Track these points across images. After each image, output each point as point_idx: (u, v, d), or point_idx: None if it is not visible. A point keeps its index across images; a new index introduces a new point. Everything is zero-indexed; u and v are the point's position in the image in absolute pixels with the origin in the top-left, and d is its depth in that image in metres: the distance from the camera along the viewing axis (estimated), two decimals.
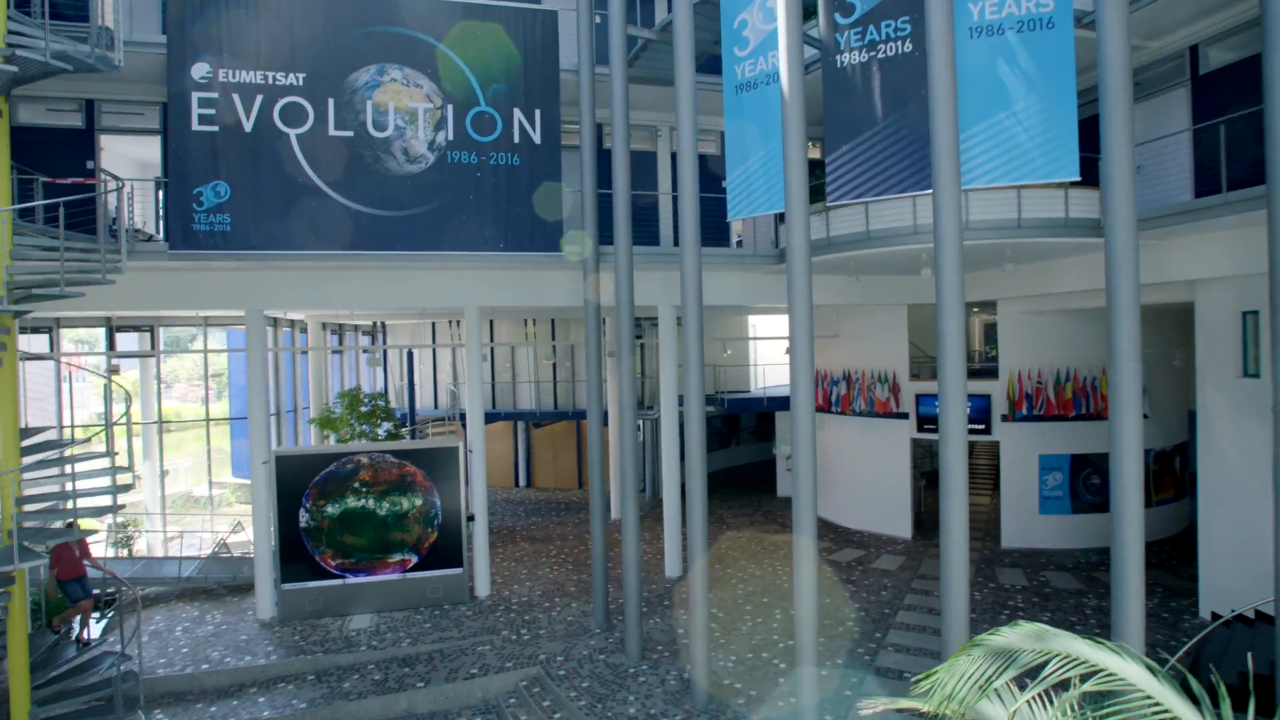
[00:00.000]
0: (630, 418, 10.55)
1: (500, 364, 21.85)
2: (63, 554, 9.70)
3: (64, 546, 9.65)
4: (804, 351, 7.88)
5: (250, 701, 9.64)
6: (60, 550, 9.72)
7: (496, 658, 10.32)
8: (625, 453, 10.47)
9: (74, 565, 9.68)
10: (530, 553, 15.38)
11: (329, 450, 12.53)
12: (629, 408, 10.50)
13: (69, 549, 9.74)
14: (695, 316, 9.07)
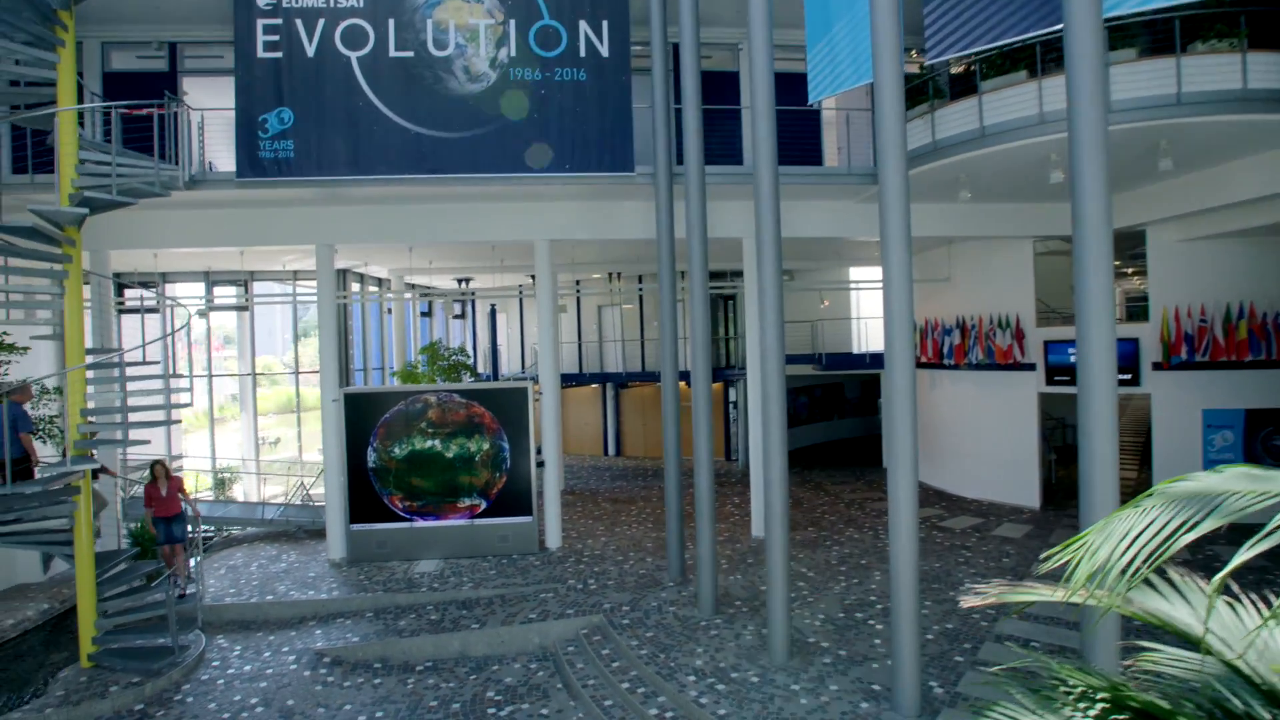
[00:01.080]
0: (704, 366, 9.38)
1: (587, 324, 21.22)
2: (153, 493, 9.92)
3: (154, 485, 9.82)
4: (900, 260, 6.42)
5: (307, 633, 9.33)
6: (151, 490, 9.86)
7: (558, 605, 9.54)
8: (698, 399, 9.35)
9: (168, 504, 9.93)
10: (610, 512, 14.58)
11: (397, 389, 12.19)
12: (703, 349, 9.35)
13: (155, 488, 9.86)
14: (772, 244, 7.78)
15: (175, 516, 9.96)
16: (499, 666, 8.52)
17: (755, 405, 12.41)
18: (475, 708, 7.56)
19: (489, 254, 15.20)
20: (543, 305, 12.08)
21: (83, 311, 8.46)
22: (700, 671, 7.45)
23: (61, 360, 9.29)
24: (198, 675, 8.36)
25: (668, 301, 10.38)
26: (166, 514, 9.89)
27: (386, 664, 8.62)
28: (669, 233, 10.31)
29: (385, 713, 7.49)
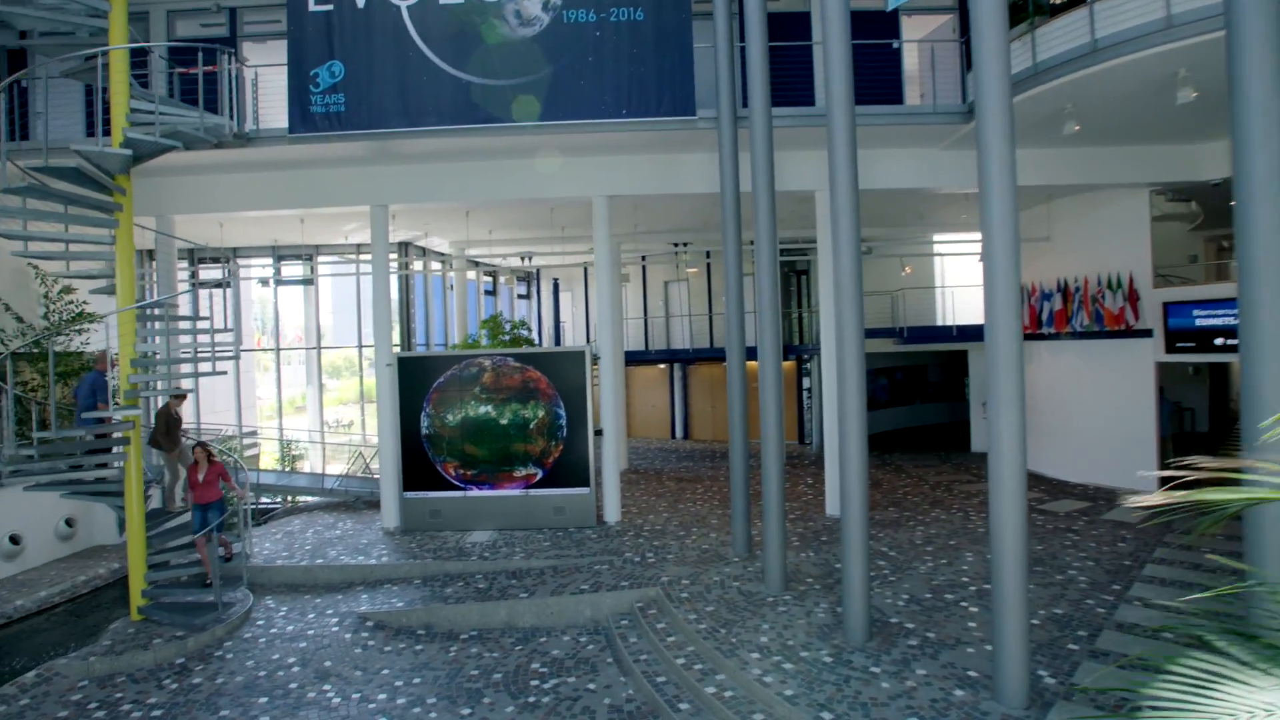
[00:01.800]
0: (773, 329, 8.46)
1: (653, 300, 20.52)
2: (192, 477, 9.14)
3: (194, 469, 9.13)
4: (1004, 197, 5.39)
5: (353, 597, 8.98)
6: (191, 473, 9.18)
7: (613, 576, 8.87)
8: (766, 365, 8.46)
9: (206, 489, 9.04)
10: (674, 490, 13.83)
11: (451, 353, 11.80)
12: (771, 312, 8.43)
13: (194, 471, 9.13)
14: (848, 191, 6.81)
15: (213, 504, 8.99)
16: (546, 638, 7.92)
17: (830, 381, 11.40)
18: (518, 679, 6.96)
19: (549, 222, 14.69)
20: (601, 267, 11.43)
21: (133, 260, 8.34)
22: (765, 649, 6.62)
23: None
24: (241, 633, 8.11)
25: (732, 262, 9.54)
26: (204, 500, 8.93)
27: (430, 631, 8.15)
28: (733, 183, 9.47)
29: (423, 679, 6.99)
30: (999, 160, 5.43)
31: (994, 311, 5.48)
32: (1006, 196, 5.43)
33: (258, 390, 19.56)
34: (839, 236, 6.80)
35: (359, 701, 6.57)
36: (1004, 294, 5.44)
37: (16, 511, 11.36)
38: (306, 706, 6.51)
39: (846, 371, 6.80)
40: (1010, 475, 5.42)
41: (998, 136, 5.44)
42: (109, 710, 6.56)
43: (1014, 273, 5.44)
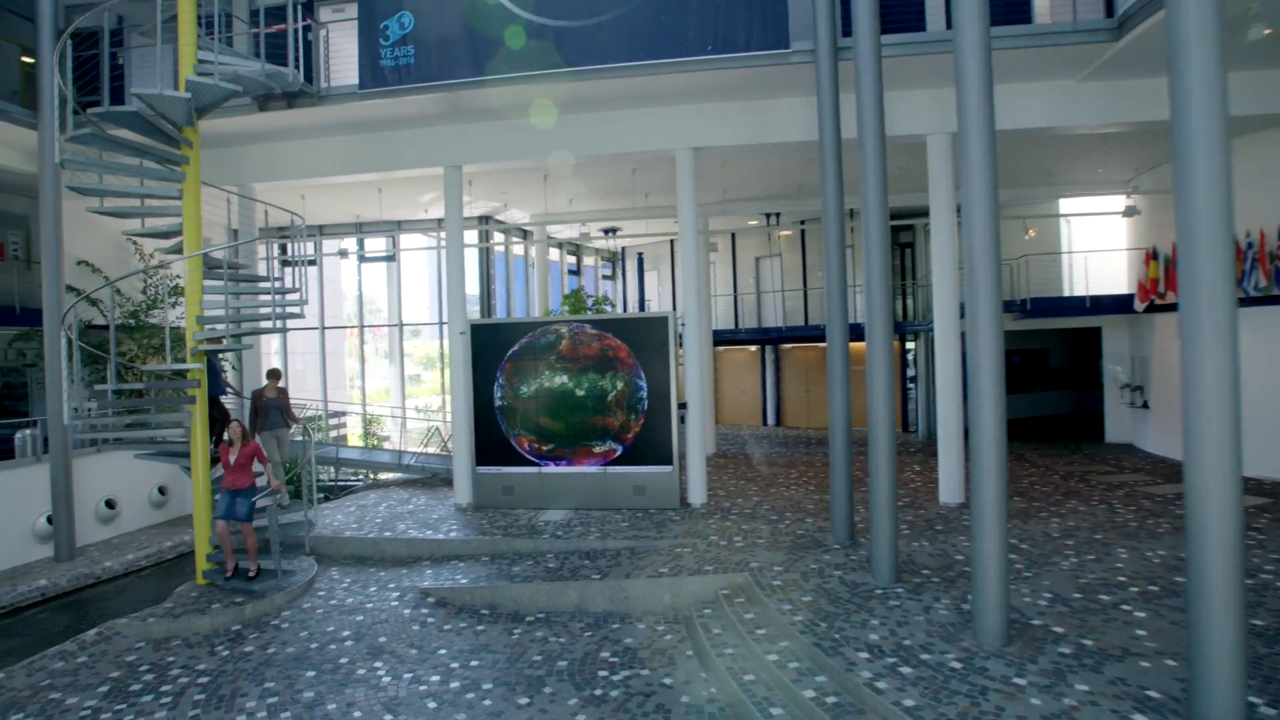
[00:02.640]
0: (883, 299, 7.16)
1: (744, 274, 19.35)
2: (223, 458, 7.99)
3: (225, 449, 8.01)
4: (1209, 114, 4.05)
5: (418, 572, 8.44)
6: (222, 453, 8.05)
7: (695, 560, 7.92)
8: (876, 338, 7.22)
9: (237, 474, 7.88)
10: (766, 475, 12.72)
11: (525, 319, 11.15)
12: (881, 279, 7.14)
13: (226, 452, 7.99)
14: (982, 113, 5.54)
15: (244, 490, 7.83)
16: (619, 625, 7.06)
17: (946, 360, 10.00)
18: (585, 668, 6.13)
19: (631, 188, 13.86)
20: (685, 231, 10.44)
21: (200, 214, 8.09)
22: (876, 648, 5.50)
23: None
24: (300, 602, 7.70)
25: (833, 220, 8.33)
26: (233, 486, 7.79)
27: (494, 611, 7.47)
28: (833, 126, 8.29)
29: (481, 662, 6.28)
30: (1201, 62, 4.06)
31: (1193, 270, 4.13)
32: (1212, 110, 4.07)
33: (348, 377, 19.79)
34: (971, 181, 5.55)
35: (409, 682, 5.92)
36: (1210, 247, 4.09)
37: (113, 478, 11.58)
38: (354, 684, 5.91)
39: (980, 331, 5.58)
40: (1218, 451, 4.09)
41: (1197, 35, 4.07)
42: (158, 674, 6.21)
43: (1224, 218, 4.07)
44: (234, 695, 5.78)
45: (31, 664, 6.45)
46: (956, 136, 9.92)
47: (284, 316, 8.18)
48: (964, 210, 5.66)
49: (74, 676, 6.23)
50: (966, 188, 5.60)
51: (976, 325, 5.61)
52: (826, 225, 8.41)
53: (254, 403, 10.12)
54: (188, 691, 5.88)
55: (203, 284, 8.02)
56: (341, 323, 17.98)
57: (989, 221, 5.55)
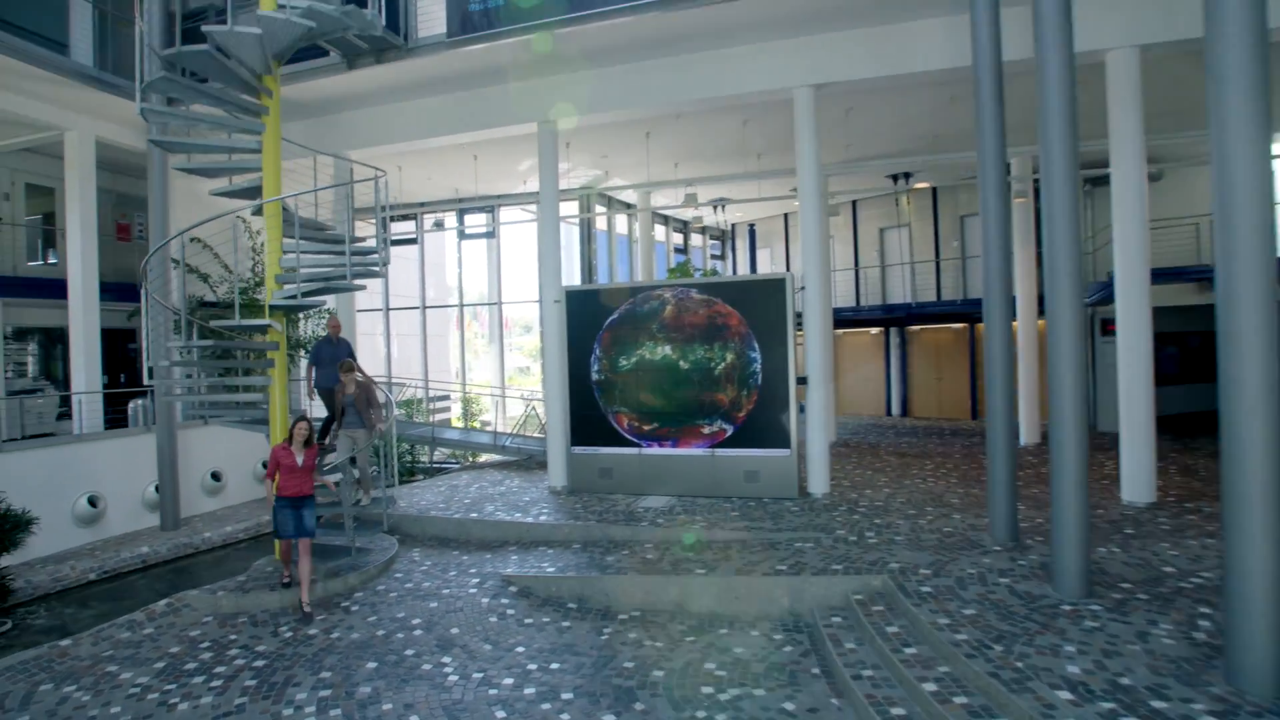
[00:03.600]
0: (1069, 277, 5.41)
1: (866, 249, 17.55)
2: (283, 460, 6.44)
3: (285, 450, 6.47)
4: None
5: (502, 557, 7.62)
6: (281, 455, 6.47)
7: (820, 558, 6.62)
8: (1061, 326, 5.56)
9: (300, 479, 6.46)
10: (896, 465, 11.12)
11: (625, 284, 10.15)
12: (1066, 253, 5.45)
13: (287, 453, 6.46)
14: (1245, 21, 3.96)
15: (308, 500, 6.49)
16: (728, 630, 5.90)
17: (1131, 341, 8.13)
18: (685, 680, 5.02)
19: (741, 147, 12.59)
20: (805, 181, 9.06)
21: (279, 165, 7.62)
22: (1080, 686, 4.04)
23: None
24: (375, 584, 7.04)
25: (992, 168, 6.75)
26: (297, 493, 6.41)
27: (582, 605, 6.49)
28: (991, 47, 6.70)
29: (563, 665, 5.30)
30: None
31: None
32: None
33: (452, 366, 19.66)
34: (1226, 103, 3.97)
35: (478, 684, 5.02)
36: None
37: (219, 451, 11.62)
38: (416, 681, 5.08)
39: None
40: None
41: None
42: (216, 653, 5.65)
43: None
44: (286, 684, 5.09)
45: (99, 633, 6.10)
46: (1147, 50, 8.07)
47: (367, 274, 7.58)
48: (1215, 146, 4.07)
49: (136, 649, 5.79)
50: (1218, 111, 4.01)
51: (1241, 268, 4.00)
52: (984, 176, 6.83)
53: (331, 400, 8.52)
54: (240, 675, 5.25)
55: (282, 241, 7.53)
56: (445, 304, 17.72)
57: (1258, 159, 3.93)
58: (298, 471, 6.44)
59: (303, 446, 6.50)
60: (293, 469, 6.43)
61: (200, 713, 4.77)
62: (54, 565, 8.67)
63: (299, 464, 6.45)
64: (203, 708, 4.82)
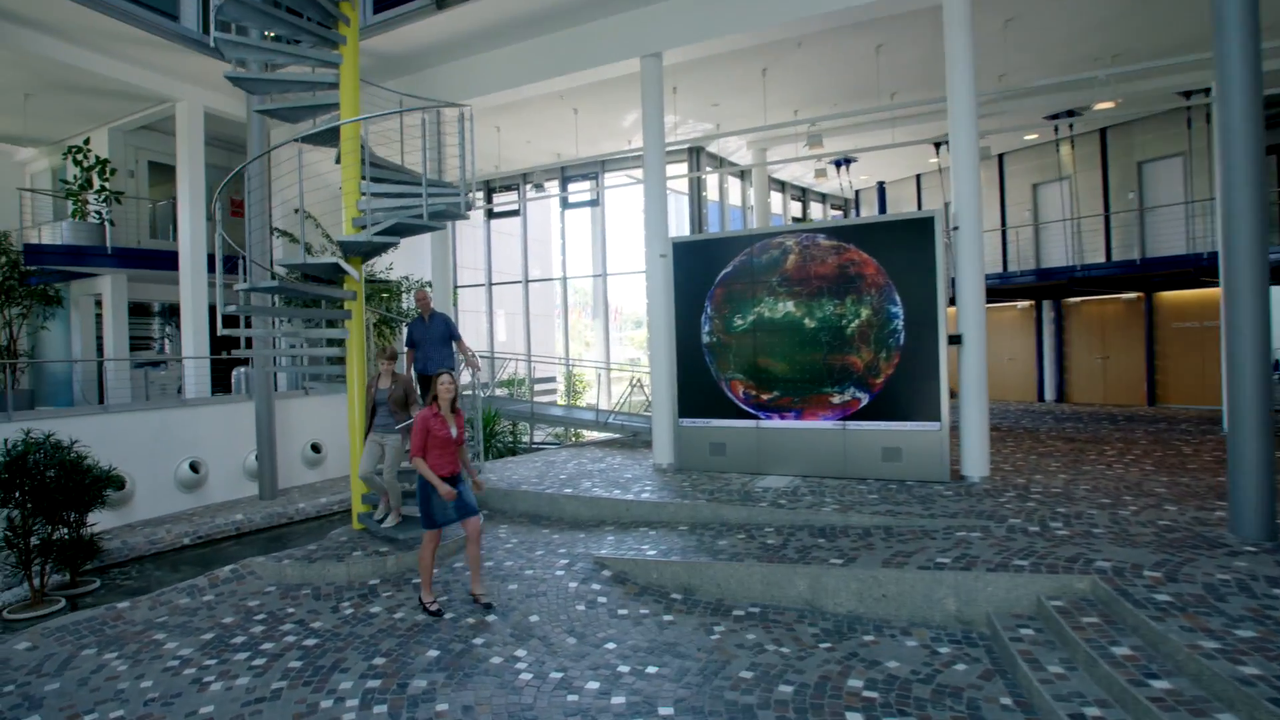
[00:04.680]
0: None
1: (1015, 206, 15.29)
2: (433, 429, 5.04)
3: (434, 414, 5.08)
4: None
5: (597, 537, 6.60)
6: (430, 422, 5.06)
7: (994, 551, 5.13)
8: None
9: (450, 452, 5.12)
10: (1067, 450, 9.23)
11: (739, 232, 8.86)
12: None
13: (437, 419, 5.08)
14: None
15: (459, 478, 5.22)
16: (874, 637, 4.57)
17: None
18: (823, 701, 3.77)
19: (874, 85, 10.98)
20: (958, 96, 7.46)
21: (358, 96, 6.97)
22: None
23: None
24: (452, 560, 6.20)
25: (1239, 76, 5.01)
26: (451, 472, 5.10)
27: (689, 597, 5.35)
28: None
29: (662, 669, 4.18)
30: None
31: None
32: None
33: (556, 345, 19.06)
34: None
35: (555, 686, 3.99)
36: None
37: (320, 422, 11.38)
38: (480, 676, 4.12)
39: None
40: None
41: None
42: (269, 627, 4.96)
43: None
44: (333, 669, 4.27)
45: (158, 597, 5.58)
46: None
47: (447, 215, 6.76)
48: None
49: (190, 617, 5.20)
50: None
51: None
52: (1225, 86, 5.07)
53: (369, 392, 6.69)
54: (286, 655, 4.49)
55: (360, 184, 6.85)
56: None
57: None
58: (451, 445, 5.09)
59: (451, 411, 5.17)
60: (446, 442, 5.06)
61: (232, 695, 4.02)
62: (151, 528, 8.52)
63: (453, 434, 5.11)
64: (236, 690, 4.07)
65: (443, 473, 5.03)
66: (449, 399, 5.11)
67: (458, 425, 5.15)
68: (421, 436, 5.00)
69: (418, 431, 5.00)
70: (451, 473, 5.11)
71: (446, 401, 5.10)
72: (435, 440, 5.02)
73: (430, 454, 5.02)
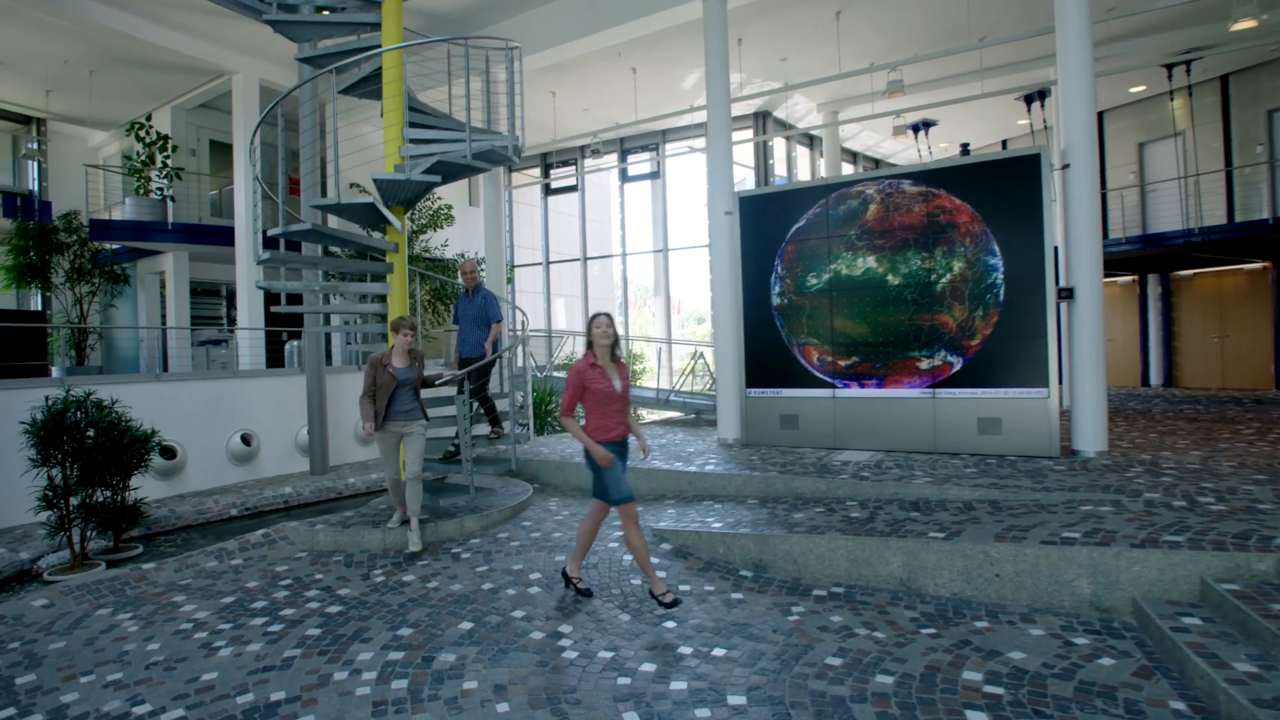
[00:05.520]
0: None
1: (1116, 169, 13.87)
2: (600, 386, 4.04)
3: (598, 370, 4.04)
4: None
5: (656, 510, 5.94)
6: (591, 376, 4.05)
7: (1135, 526, 4.24)
8: None
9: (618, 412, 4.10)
10: (1192, 429, 8.07)
11: (814, 182, 8.06)
12: None
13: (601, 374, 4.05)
14: None
15: (627, 444, 4.25)
16: (989, 623, 3.77)
17: None
18: (930, 691, 3.04)
19: (965, 26, 9.96)
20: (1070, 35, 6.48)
21: (401, 35, 6.52)
22: None
23: None
24: (496, 531, 5.66)
25: None
26: (620, 436, 4.13)
27: (761, 573, 4.64)
28: None
29: (733, 652, 3.50)
30: None
31: None
32: None
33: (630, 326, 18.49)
34: None
35: (604, 667, 3.37)
36: None
37: None
38: (517, 652, 3.53)
39: None
40: None
41: None
42: (294, 593, 4.50)
43: None
44: (354, 639, 3.76)
45: (185, 559, 5.23)
46: None
47: (491, 158, 6.22)
48: None
49: (213, 580, 4.81)
50: None
51: None
52: None
53: (372, 374, 5.30)
54: (306, 622, 4.01)
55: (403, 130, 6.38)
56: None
57: None
58: (615, 402, 4.06)
59: (612, 360, 4.10)
60: (608, 399, 4.03)
61: (239, 662, 3.54)
62: (200, 498, 8.33)
63: (616, 388, 4.07)
64: (245, 657, 3.60)
65: (603, 437, 4.03)
66: (608, 345, 4.06)
67: (621, 378, 4.11)
68: (575, 392, 4.03)
69: (571, 385, 4.04)
70: (618, 437, 4.09)
71: (605, 348, 4.06)
72: (594, 396, 4.02)
73: (591, 414, 4.06)
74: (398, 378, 5.27)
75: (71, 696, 3.32)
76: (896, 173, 7.25)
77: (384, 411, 5.20)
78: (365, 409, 5.22)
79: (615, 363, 4.11)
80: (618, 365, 4.13)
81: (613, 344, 4.09)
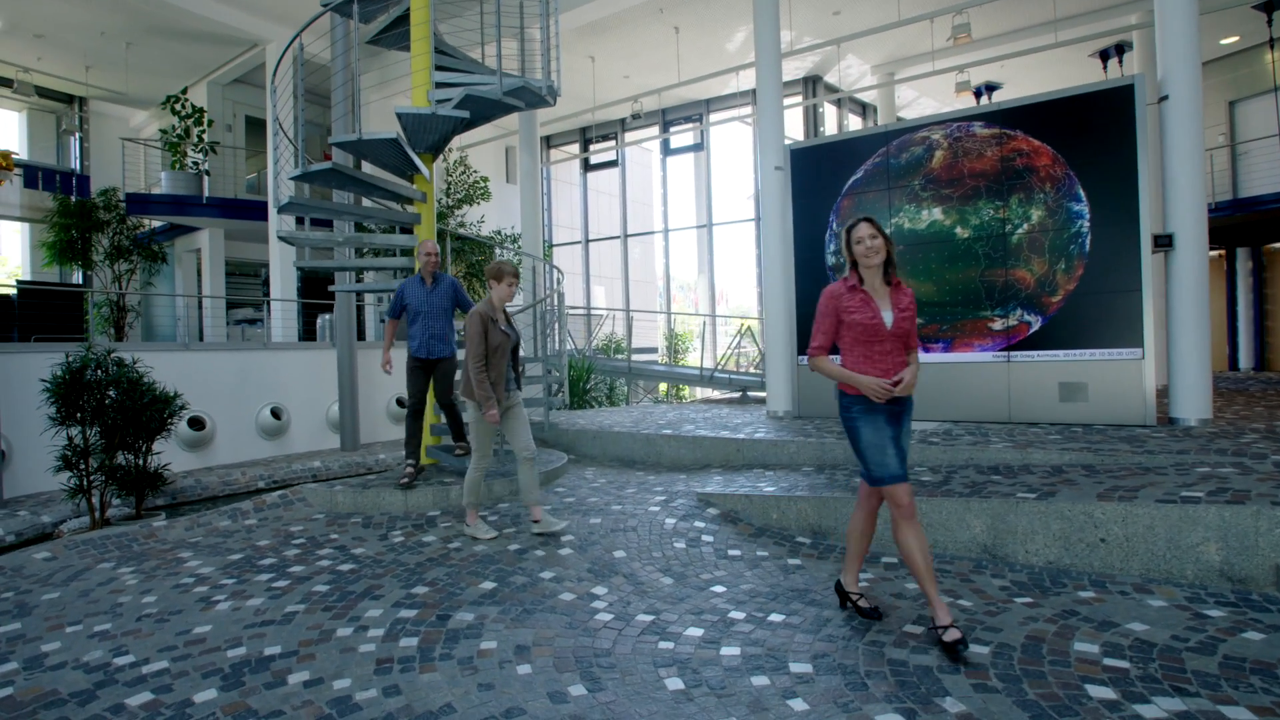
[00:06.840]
0: None
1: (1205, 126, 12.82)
2: (852, 310, 2.87)
3: (849, 287, 2.90)
4: None
5: (700, 478, 5.45)
6: (844, 299, 2.92)
7: (1270, 485, 3.58)
8: None
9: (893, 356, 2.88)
10: None
11: (874, 129, 7.41)
12: None
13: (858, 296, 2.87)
14: None
15: (910, 406, 3.11)
16: (1098, 593, 3.19)
17: None
18: (1037, 663, 2.48)
19: None
20: None
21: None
22: None
23: None
24: (514, 505, 5.24)
25: None
26: (905, 391, 2.92)
27: (820, 540, 4.11)
28: None
29: (790, 619, 3.00)
30: None
31: None
32: None
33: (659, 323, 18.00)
34: None
35: (643, 631, 2.89)
36: None
37: None
38: (543, 613, 3.08)
39: None
40: None
41: None
42: (307, 551, 4.13)
43: None
44: (364, 596, 3.36)
45: (198, 518, 4.94)
46: None
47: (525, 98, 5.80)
48: None
49: (224, 539, 4.48)
50: None
51: None
52: None
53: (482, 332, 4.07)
54: (313, 579, 3.63)
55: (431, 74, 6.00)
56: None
57: None
58: (884, 340, 2.84)
59: (885, 282, 2.89)
60: (872, 334, 2.84)
61: (237, 616, 3.17)
62: (228, 470, 8.14)
63: (887, 322, 2.83)
64: (243, 611, 3.23)
65: (903, 389, 2.85)
66: (877, 263, 2.83)
67: (896, 307, 2.85)
68: (832, 322, 2.89)
69: (822, 314, 2.91)
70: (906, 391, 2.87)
71: (875, 267, 2.84)
72: (852, 332, 2.85)
73: (852, 351, 2.90)
74: (512, 337, 4.22)
75: (53, 646, 2.99)
76: (967, 114, 6.60)
77: (493, 377, 4.03)
78: (483, 386, 3.95)
79: (889, 286, 2.89)
80: (893, 290, 2.88)
81: (885, 261, 2.85)
